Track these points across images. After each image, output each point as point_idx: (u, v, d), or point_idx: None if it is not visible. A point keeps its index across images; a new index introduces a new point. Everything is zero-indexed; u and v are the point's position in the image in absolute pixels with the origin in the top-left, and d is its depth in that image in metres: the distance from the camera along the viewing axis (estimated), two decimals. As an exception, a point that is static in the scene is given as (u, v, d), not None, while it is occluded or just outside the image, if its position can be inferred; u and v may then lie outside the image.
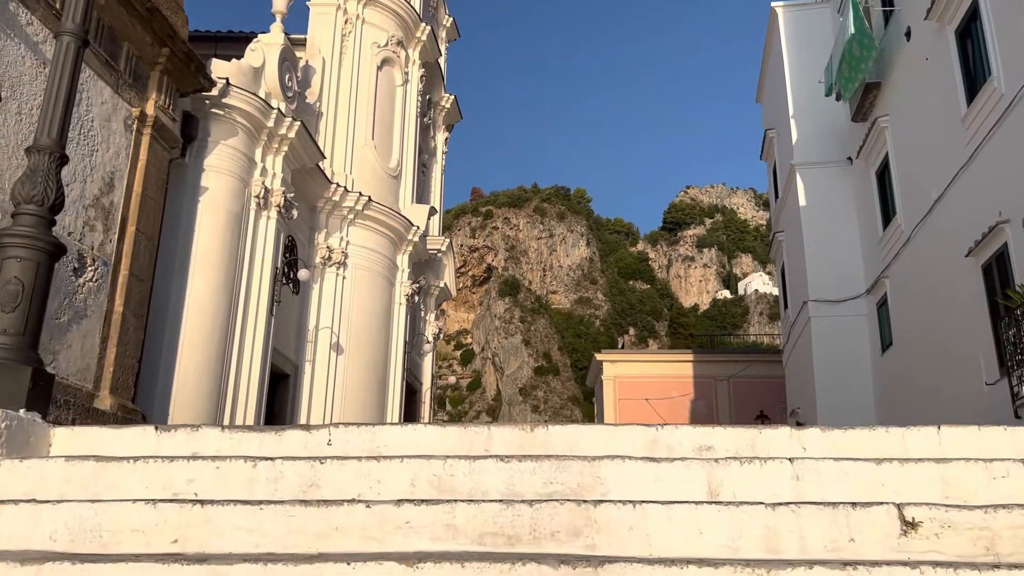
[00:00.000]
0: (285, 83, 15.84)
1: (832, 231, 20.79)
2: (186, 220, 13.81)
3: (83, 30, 4.28)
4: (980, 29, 13.31)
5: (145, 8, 12.11)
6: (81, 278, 11.35)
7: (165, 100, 12.95)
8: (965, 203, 14.07)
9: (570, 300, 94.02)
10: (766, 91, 26.79)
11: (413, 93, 21.53)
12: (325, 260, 17.96)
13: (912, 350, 17.09)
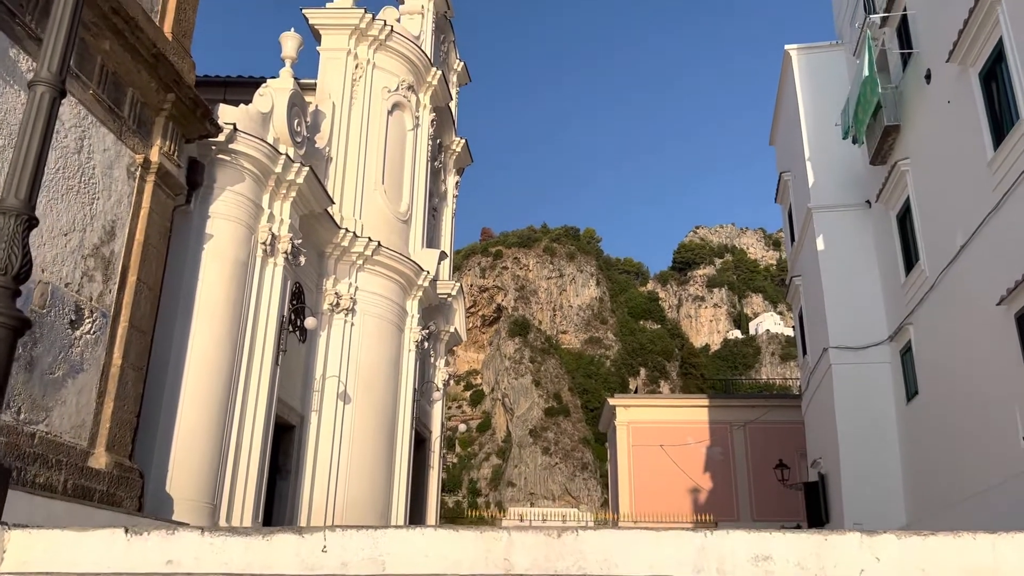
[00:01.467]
0: (294, 128, 15.60)
1: (852, 276, 20.39)
2: (190, 268, 13.49)
3: (60, 80, 3.89)
4: (1006, 71, 12.96)
5: (151, 54, 11.87)
6: (78, 331, 10.93)
7: (170, 146, 12.68)
8: (994, 249, 13.60)
9: (580, 340, 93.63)
10: (780, 133, 26.57)
11: (423, 137, 21.38)
12: (333, 307, 17.62)
13: (940, 400, 16.51)
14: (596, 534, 3.19)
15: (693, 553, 3.10)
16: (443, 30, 23.75)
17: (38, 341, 10.10)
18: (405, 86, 20.57)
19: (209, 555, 3.18)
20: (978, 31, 13.52)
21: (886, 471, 18.56)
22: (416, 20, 21.80)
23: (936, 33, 15.66)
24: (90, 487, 10.71)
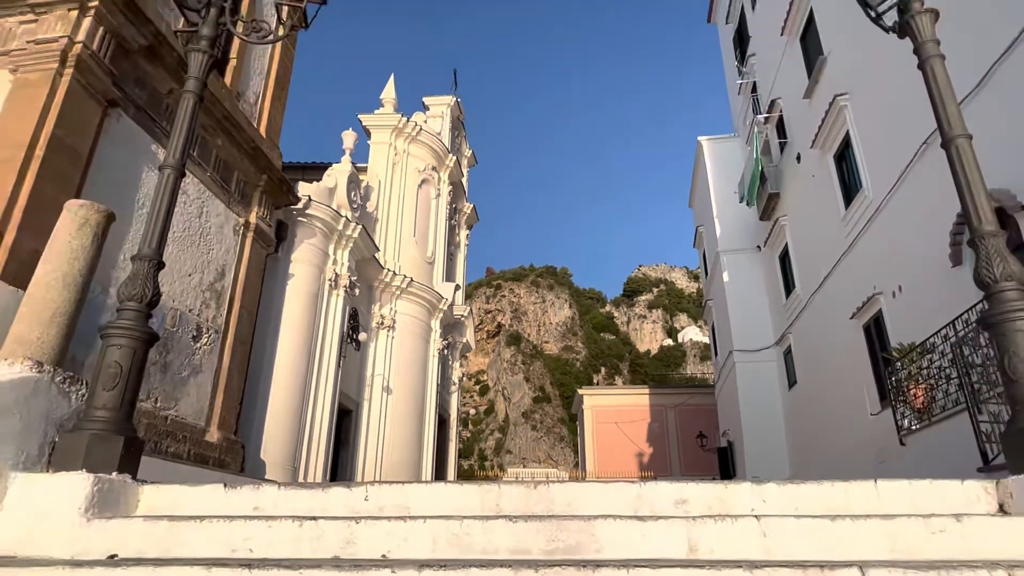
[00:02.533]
0: (351, 198, 15.73)
1: (748, 299, 20.48)
2: (277, 298, 13.55)
3: (181, 164, 3.91)
4: (852, 154, 13.16)
5: (251, 147, 12.02)
6: (198, 343, 10.96)
7: (264, 212, 12.79)
8: (846, 280, 13.72)
9: (558, 348, 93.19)
10: (696, 198, 26.76)
11: (443, 204, 21.51)
12: (379, 324, 17.64)
13: (811, 387, 16.54)
14: (561, 486, 3.20)
15: (632, 499, 3.11)
16: (457, 127, 23.99)
17: (170, 351, 10.12)
18: (430, 168, 20.74)
19: (283, 503, 3.20)
20: (832, 126, 13.75)
21: (775, 438, 18.53)
22: (438, 121, 22.03)
23: (803, 128, 15.90)
24: (206, 455, 10.67)
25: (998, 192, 7.73)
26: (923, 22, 3.76)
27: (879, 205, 11.97)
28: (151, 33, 9.16)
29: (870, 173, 12.35)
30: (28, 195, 7.50)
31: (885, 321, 11.95)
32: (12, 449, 3.03)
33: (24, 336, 3.38)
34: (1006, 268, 3.23)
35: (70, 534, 2.82)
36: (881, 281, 12.00)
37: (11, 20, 8.52)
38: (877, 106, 11.84)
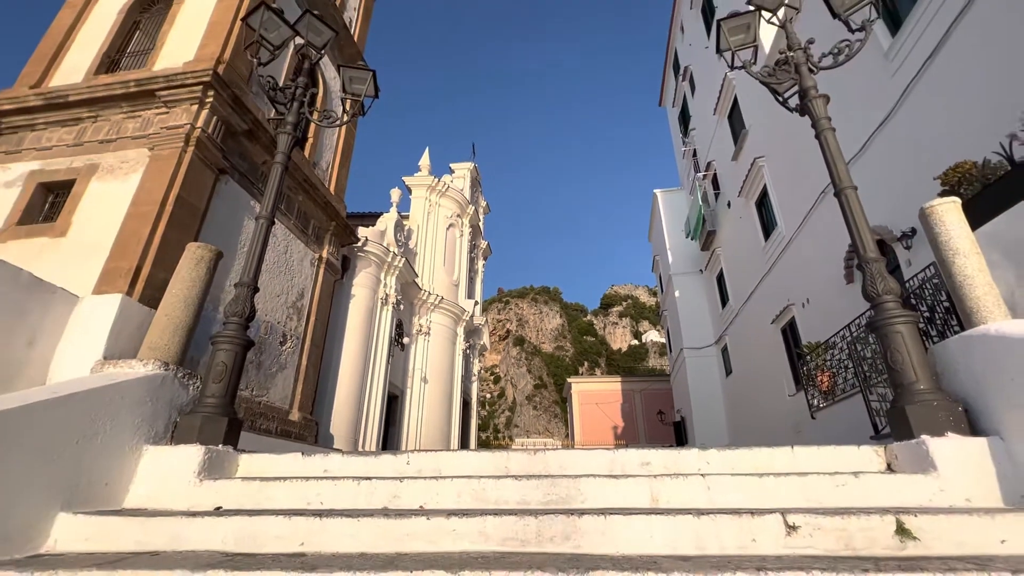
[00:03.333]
0: (397, 238, 15.78)
1: (693, 310, 20.27)
2: (343, 312, 13.52)
3: (271, 216, 3.94)
4: (769, 201, 13.10)
5: (323, 201, 12.12)
6: (284, 346, 10.94)
7: (332, 249, 12.83)
8: (768, 294, 13.58)
9: (552, 347, 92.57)
10: (653, 234, 26.67)
11: (465, 242, 21.55)
12: (418, 331, 17.56)
13: (743, 375, 16.30)
14: (554, 453, 3.15)
15: (607, 462, 3.05)
16: (475, 185, 24.15)
17: (263, 352, 10.12)
18: (455, 215, 20.84)
19: (346, 467, 3.16)
20: (753, 180, 13.74)
21: (717, 414, 18.23)
22: (461, 180, 22.17)
23: (732, 182, 15.88)
24: (289, 430, 10.62)
25: (879, 228, 7.70)
26: (818, 105, 3.78)
27: (790, 238, 11.89)
28: (250, 120, 9.31)
29: (783, 215, 12.30)
30: (160, 239, 7.59)
31: (797, 325, 11.80)
32: (146, 428, 3.03)
33: (155, 343, 3.39)
34: (886, 285, 3.21)
35: (186, 492, 2.81)
36: (793, 295, 11.88)
37: (150, 112, 8.69)
38: (787, 165, 11.84)
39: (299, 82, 4.47)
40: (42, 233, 7.93)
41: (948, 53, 6.49)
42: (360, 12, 15.65)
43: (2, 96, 9.14)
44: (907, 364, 2.93)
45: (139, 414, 2.97)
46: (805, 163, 10.43)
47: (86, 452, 2.59)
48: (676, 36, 21.78)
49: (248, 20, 4.30)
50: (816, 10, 8.23)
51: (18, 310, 3.06)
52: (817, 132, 3.74)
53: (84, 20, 10.45)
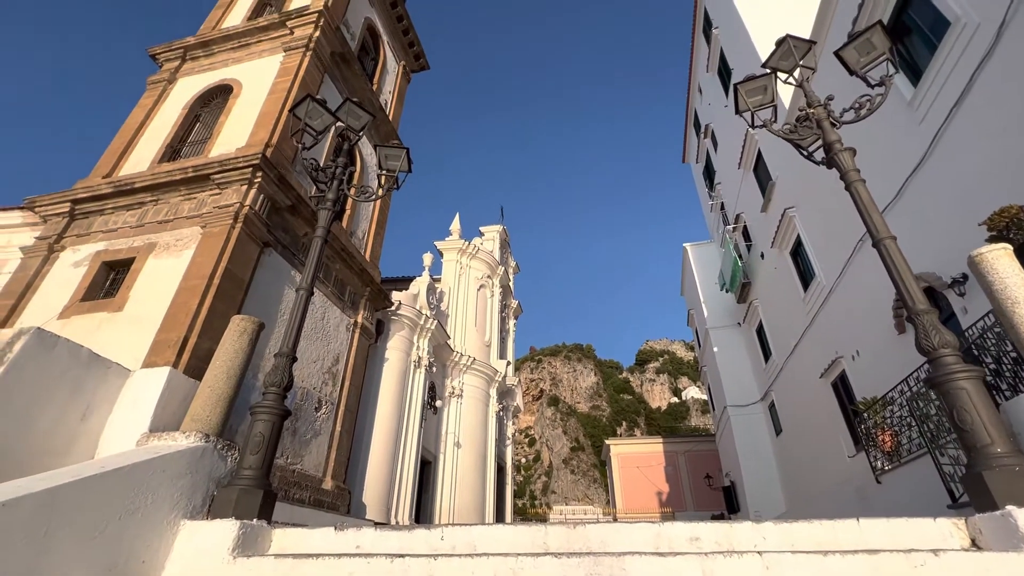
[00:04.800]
0: (429, 301, 16.05)
1: (735, 364, 19.48)
2: (376, 376, 13.58)
3: (311, 287, 4.10)
4: (804, 251, 12.84)
5: (359, 269, 12.53)
6: (319, 412, 10.98)
7: (367, 314, 13.10)
8: (813, 347, 12.98)
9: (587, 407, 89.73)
10: (686, 288, 26.31)
11: (496, 302, 21.70)
12: (451, 394, 17.38)
13: (795, 434, 15.27)
14: (596, 527, 2.98)
15: (653, 537, 2.86)
16: (504, 247, 24.67)
17: (298, 419, 10.18)
18: (486, 276, 21.18)
19: (379, 542, 3.07)
20: (785, 231, 13.55)
21: (769, 477, 16.95)
22: (490, 242, 22.71)
23: (763, 233, 15.71)
24: (322, 500, 10.42)
25: (926, 275, 7.37)
26: (845, 158, 3.77)
27: (831, 287, 11.50)
28: (294, 196, 9.96)
29: (820, 264, 11.99)
30: (207, 310, 7.97)
31: (849, 379, 11.14)
32: (184, 502, 3.05)
33: (197, 414, 3.48)
34: (942, 338, 3.03)
35: (220, 569, 2.76)
36: (841, 347, 11.31)
37: (205, 194, 9.43)
38: (819, 213, 11.69)
39: (339, 162, 4.80)
40: (102, 308, 8.48)
41: (976, 98, 6.45)
42: (395, 94, 16.95)
43: (79, 186, 10.14)
44: (978, 424, 2.70)
45: (178, 487, 3.00)
46: (838, 211, 10.26)
47: (127, 528, 2.61)
48: (694, 97, 22.52)
49: (295, 111, 4.72)
50: (835, 63, 8.41)
51: (76, 386, 3.23)
52: (847, 184, 3.71)
53: (152, 117, 11.68)
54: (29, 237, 10.19)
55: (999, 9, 5.91)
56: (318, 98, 4.90)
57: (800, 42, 4.43)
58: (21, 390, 3.01)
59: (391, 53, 17.26)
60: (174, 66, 12.64)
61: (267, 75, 11.63)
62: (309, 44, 11.83)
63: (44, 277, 9.39)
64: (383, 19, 16.88)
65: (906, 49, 7.62)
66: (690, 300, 25.37)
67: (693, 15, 19.74)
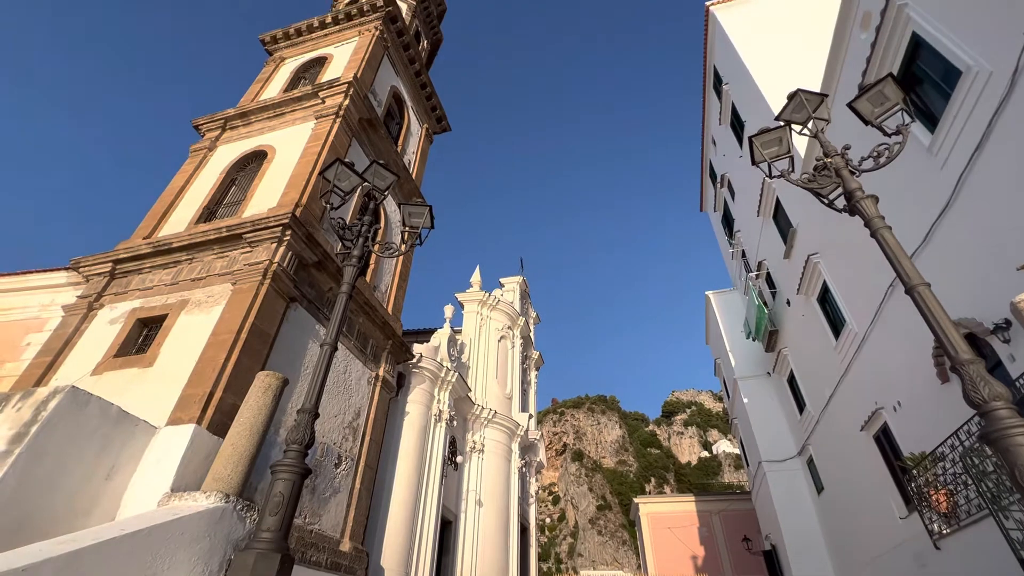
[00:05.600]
0: (450, 353, 16.01)
1: (767, 416, 18.60)
2: (397, 431, 13.37)
3: (335, 342, 4.14)
4: (832, 297, 12.50)
5: (381, 322, 12.66)
6: (338, 469, 10.78)
7: (389, 367, 13.10)
8: (850, 397, 12.36)
9: (613, 462, 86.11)
10: (711, 336, 25.71)
11: (517, 353, 21.52)
12: (471, 449, 16.95)
13: (838, 493, 14.26)
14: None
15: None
16: (524, 298, 24.73)
17: (318, 476, 10.00)
18: (506, 327, 21.12)
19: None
20: (810, 278, 13.29)
21: (814, 540, 15.70)
22: (510, 294, 22.81)
23: (787, 280, 15.42)
24: (339, 563, 10.04)
25: (966, 321, 7.07)
26: (868, 205, 3.75)
27: (864, 335, 11.08)
28: (320, 253, 10.29)
29: (850, 310, 11.62)
30: (233, 365, 8.08)
31: (892, 432, 10.48)
32: (200, 567, 2.96)
33: (219, 473, 3.46)
34: (991, 390, 2.85)
35: (234, 643, 2.63)
36: (881, 397, 10.74)
37: (236, 252, 9.82)
38: (845, 258, 11.47)
39: (364, 220, 4.98)
40: (133, 364, 8.68)
41: (997, 143, 6.41)
42: (418, 154, 17.75)
43: (120, 247, 10.70)
44: (1043, 486, 2.48)
45: (196, 551, 2.93)
46: (864, 255, 10.07)
47: (142, 596, 2.53)
48: (709, 148, 22.97)
49: (324, 174, 4.97)
50: (848, 112, 8.53)
51: (104, 444, 3.25)
52: (872, 231, 3.66)
53: (192, 182, 12.43)
54: (72, 296, 10.67)
55: (1011, 57, 5.98)
56: (346, 161, 5.16)
57: (811, 95, 4.52)
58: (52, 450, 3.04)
59: (415, 116, 18.25)
60: (215, 135, 13.57)
61: (299, 140, 12.37)
62: (339, 112, 12.61)
63: (82, 334, 9.73)
64: (408, 86, 17.97)
65: (919, 98, 7.71)
66: (716, 349, 24.72)
67: (703, 72, 20.50)
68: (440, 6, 23.48)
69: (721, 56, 18.14)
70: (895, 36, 7.84)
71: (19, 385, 8.91)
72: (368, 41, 15.66)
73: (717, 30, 17.95)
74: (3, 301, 10.97)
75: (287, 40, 17.18)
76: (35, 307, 10.71)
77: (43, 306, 10.70)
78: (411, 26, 20.28)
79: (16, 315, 10.67)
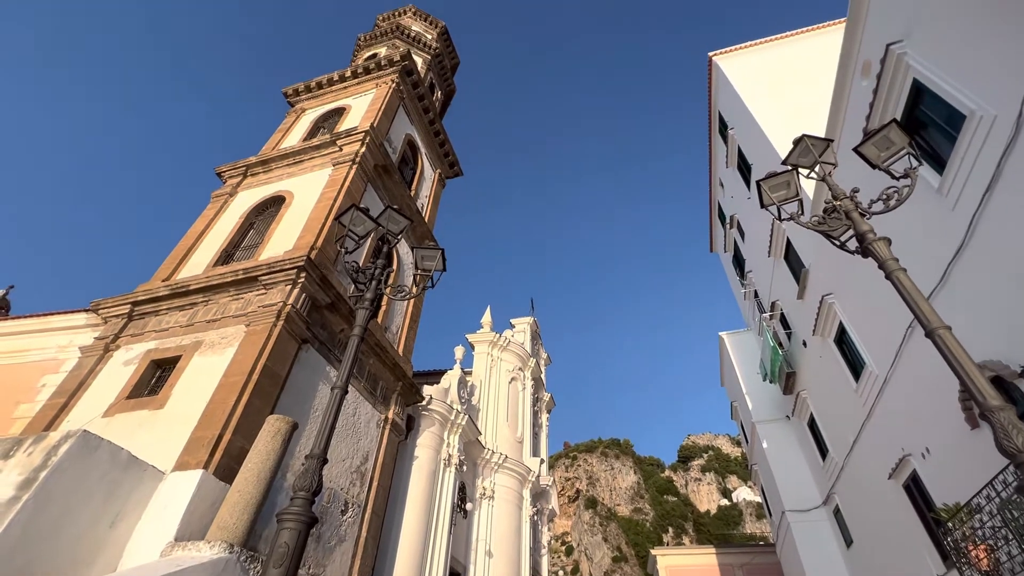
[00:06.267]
0: (461, 395, 15.82)
1: (788, 462, 17.82)
2: (405, 476, 13.08)
3: (346, 385, 4.13)
4: (850, 338, 12.22)
5: (392, 363, 12.63)
6: (345, 516, 10.49)
7: (398, 409, 12.95)
8: (875, 443, 11.85)
9: (629, 510, 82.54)
10: (726, 378, 25.08)
11: (528, 395, 21.20)
12: (481, 495, 16.42)
13: (869, 546, 13.42)
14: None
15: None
16: (535, 338, 24.58)
17: (323, 524, 9.73)
18: (517, 369, 20.90)
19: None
20: (826, 319, 13.05)
21: (846, 601, 14.68)
22: (521, 334, 22.72)
23: (802, 320, 15.15)
24: (343, 618, 9.59)
25: (991, 364, 6.85)
26: (881, 248, 3.73)
27: (885, 377, 10.73)
28: (333, 295, 10.41)
29: (869, 352, 11.31)
30: (243, 406, 8.04)
31: (922, 480, 9.96)
32: (200, 623, 2.85)
33: (224, 522, 3.38)
34: (1025, 438, 2.73)
35: None
36: (908, 443, 10.27)
37: (251, 294, 9.99)
38: (861, 298, 11.29)
39: (378, 264, 5.07)
40: (145, 406, 8.69)
41: (1009, 183, 6.41)
42: (431, 198, 18.19)
43: (140, 289, 10.94)
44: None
45: (197, 606, 2.83)
46: (880, 295, 9.90)
47: (139, 655, 2.43)
48: (716, 190, 23.24)
49: (340, 219, 5.10)
50: (854, 154, 8.62)
51: (111, 490, 3.22)
52: (887, 274, 3.63)
53: (212, 226, 12.81)
54: (90, 337, 10.84)
55: (1014, 101, 6.07)
56: (361, 207, 5.30)
57: (817, 140, 4.60)
58: (59, 496, 3.01)
59: (428, 162, 18.83)
60: (236, 181, 14.09)
61: (316, 186, 12.78)
62: (355, 159, 13.07)
63: (96, 375, 9.81)
64: (422, 134, 18.65)
65: (924, 141, 7.80)
66: (731, 391, 24.10)
67: (708, 117, 21.03)
68: (454, 60, 24.67)
69: (725, 102, 18.65)
70: (896, 83, 8.02)
71: (32, 427, 8.93)
72: (385, 93, 16.42)
73: (720, 78, 18.54)
74: (22, 343, 11.17)
75: (308, 92, 18.07)
76: (53, 348, 10.88)
77: (61, 347, 10.86)
78: (426, 78, 21.27)
79: (34, 356, 10.84)
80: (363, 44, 22.38)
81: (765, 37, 18.68)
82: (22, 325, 11.37)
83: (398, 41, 21.60)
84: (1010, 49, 6.03)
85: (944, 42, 7.11)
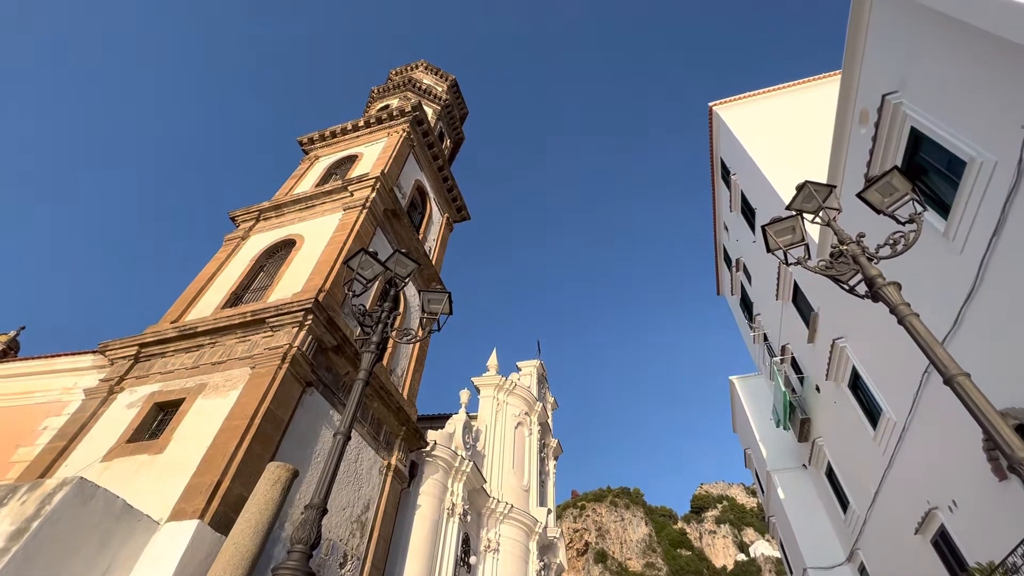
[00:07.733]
0: (465, 440, 15.45)
1: (807, 515, 16.97)
2: (407, 526, 12.57)
3: (349, 431, 4.05)
4: (864, 384, 11.91)
5: (396, 407, 12.43)
6: (343, 570, 10.03)
7: (401, 455, 12.64)
8: (898, 495, 11.30)
9: (640, 564, 78.45)
10: (738, 424, 24.38)
11: (534, 441, 20.65)
12: (486, 548, 15.69)
13: (900, 608, 12.55)
14: None
15: None
16: (542, 382, 24.21)
17: (321, 578, 9.29)
18: (523, 413, 20.48)
19: None
20: (838, 363, 12.77)
21: (880, 670, 13.56)
22: (528, 378, 22.38)
23: (814, 365, 14.85)
24: None
25: (1013, 411, 6.62)
26: (891, 292, 3.70)
27: (904, 424, 10.36)
28: (340, 337, 10.39)
29: (886, 397, 10.98)
30: (244, 452, 7.87)
31: (951, 536, 9.43)
32: None
33: (218, 577, 3.23)
34: (1059, 494, 2.58)
35: None
36: (933, 496, 9.79)
37: (258, 336, 9.99)
38: (873, 342, 11.07)
39: (385, 307, 5.07)
40: (144, 450, 8.53)
41: (1016, 225, 6.40)
42: (438, 241, 18.46)
43: (148, 331, 10.99)
44: None
45: (184, 671, 2.66)
46: (893, 338, 9.69)
47: None
48: (721, 234, 23.42)
49: (348, 263, 5.16)
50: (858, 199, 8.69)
51: (104, 541, 3.10)
52: (899, 319, 3.57)
53: (223, 269, 13.00)
54: (95, 379, 10.81)
55: (1013, 147, 6.16)
56: (370, 250, 5.37)
57: (819, 186, 4.66)
58: (50, 548, 2.91)
59: (436, 207, 19.23)
60: (249, 225, 14.41)
61: (327, 230, 13.03)
62: (365, 204, 13.38)
63: (99, 418, 9.71)
64: (431, 180, 19.15)
65: (927, 186, 7.87)
66: (744, 438, 23.35)
67: (711, 164, 21.50)
68: (463, 110, 25.66)
69: (727, 149, 19.09)
70: (894, 131, 8.20)
71: (29, 471, 8.77)
72: (396, 141, 17.00)
73: (721, 126, 19.07)
74: (27, 384, 11.15)
75: (323, 141, 18.76)
76: (57, 390, 10.83)
77: (65, 389, 10.82)
78: (436, 127, 22.06)
79: (38, 398, 10.78)
80: (376, 96, 23.41)
81: (761, 89, 19.34)
82: (28, 367, 11.39)
83: (410, 93, 22.58)
84: (1004, 96, 6.17)
85: (939, 91, 7.30)
